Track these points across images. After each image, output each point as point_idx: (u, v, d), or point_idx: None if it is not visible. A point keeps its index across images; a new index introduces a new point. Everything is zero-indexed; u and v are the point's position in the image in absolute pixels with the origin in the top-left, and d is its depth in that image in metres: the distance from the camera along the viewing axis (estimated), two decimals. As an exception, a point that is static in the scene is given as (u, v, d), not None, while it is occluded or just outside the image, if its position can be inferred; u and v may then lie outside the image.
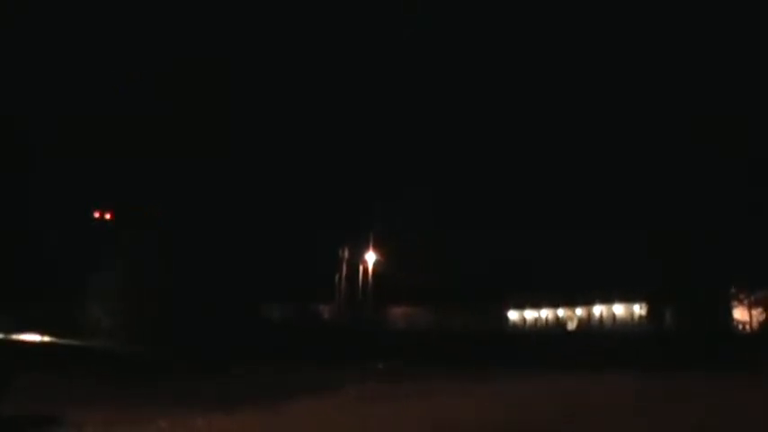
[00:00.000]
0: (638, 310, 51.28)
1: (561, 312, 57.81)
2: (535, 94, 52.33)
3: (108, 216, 52.07)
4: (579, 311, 56.69)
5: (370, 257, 53.97)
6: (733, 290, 46.52)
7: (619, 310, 53.76)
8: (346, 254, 54.52)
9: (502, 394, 21.70)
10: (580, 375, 26.39)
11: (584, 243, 48.78)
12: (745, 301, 46.59)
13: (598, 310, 55.19)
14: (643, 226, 46.99)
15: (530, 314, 59.49)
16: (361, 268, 54.48)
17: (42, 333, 38.57)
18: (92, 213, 50.74)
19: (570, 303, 56.70)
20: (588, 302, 55.32)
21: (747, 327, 46.51)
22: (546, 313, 58.74)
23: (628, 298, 52.06)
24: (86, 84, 50.21)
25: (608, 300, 53.83)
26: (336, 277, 54.72)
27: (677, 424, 15.96)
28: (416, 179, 52.01)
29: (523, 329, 57.81)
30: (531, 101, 52.32)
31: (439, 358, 32.70)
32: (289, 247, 51.81)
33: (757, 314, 46.16)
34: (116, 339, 36.19)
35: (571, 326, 56.49)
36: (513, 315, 59.57)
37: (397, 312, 55.92)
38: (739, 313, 47.04)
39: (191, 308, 43.82)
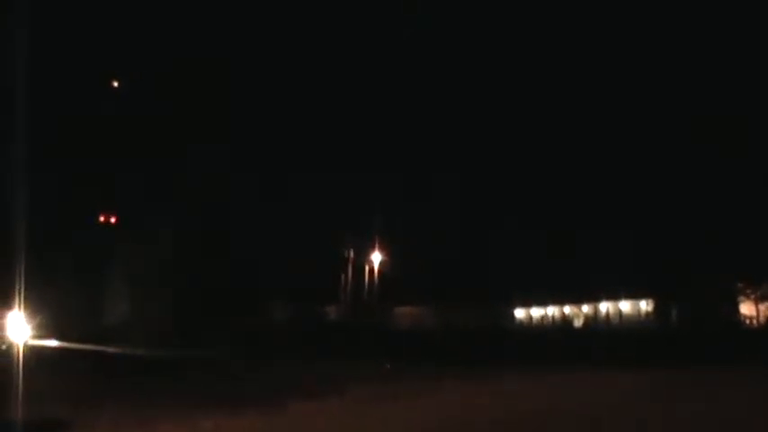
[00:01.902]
0: (645, 306, 51.20)
1: (567, 309, 57.73)
2: (536, 94, 52.05)
3: (113, 220, 52.26)
4: (585, 308, 56.59)
5: (376, 257, 54.05)
6: (739, 284, 46.41)
7: (625, 306, 53.63)
8: (351, 254, 54.57)
9: (507, 394, 21.66)
10: (586, 372, 26.37)
11: (590, 241, 48.62)
12: (752, 296, 46.47)
13: (604, 306, 55.10)
14: (647, 224, 46.89)
15: (536, 312, 59.40)
16: (366, 268, 54.52)
17: (49, 337, 38.82)
18: (94, 215, 50.94)
19: (576, 300, 56.62)
20: (595, 299, 55.24)
21: (755, 321, 46.37)
22: (552, 310, 58.65)
23: (634, 294, 51.97)
24: (86, 84, 50.10)
25: (614, 296, 53.73)
26: (342, 277, 54.77)
27: (681, 420, 15.93)
28: (417, 178, 51.97)
29: (530, 327, 57.71)
30: (531, 100, 52.03)
31: (444, 357, 32.63)
32: (292, 246, 51.77)
33: (764, 309, 46.02)
34: (121, 342, 36.27)
35: (578, 323, 56.39)
36: (519, 313, 59.49)
37: (403, 312, 55.86)
38: (746, 308, 46.91)
39: (194, 309, 43.91)
